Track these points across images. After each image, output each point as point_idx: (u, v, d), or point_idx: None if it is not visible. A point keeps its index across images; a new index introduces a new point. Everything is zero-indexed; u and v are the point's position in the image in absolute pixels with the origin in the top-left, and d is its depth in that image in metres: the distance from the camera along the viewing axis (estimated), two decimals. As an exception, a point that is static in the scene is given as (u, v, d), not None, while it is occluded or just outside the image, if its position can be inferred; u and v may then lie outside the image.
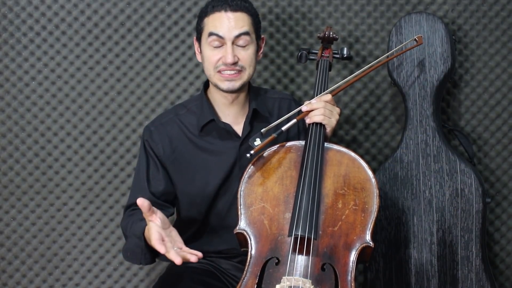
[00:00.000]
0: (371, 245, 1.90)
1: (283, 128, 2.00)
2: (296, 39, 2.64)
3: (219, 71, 2.05)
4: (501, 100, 2.66)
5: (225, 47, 2.04)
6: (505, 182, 2.69)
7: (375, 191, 1.96)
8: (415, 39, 2.35)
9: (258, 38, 2.13)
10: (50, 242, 2.64)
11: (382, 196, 2.50)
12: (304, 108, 2.05)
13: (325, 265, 1.87)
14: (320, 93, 2.11)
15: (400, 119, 2.67)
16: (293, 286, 1.81)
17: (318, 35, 2.30)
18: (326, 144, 2.02)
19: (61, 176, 2.63)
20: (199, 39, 2.11)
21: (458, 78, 2.66)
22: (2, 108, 2.60)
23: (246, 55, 2.06)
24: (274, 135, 1.98)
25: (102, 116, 2.63)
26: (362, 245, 1.90)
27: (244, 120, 2.16)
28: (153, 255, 1.98)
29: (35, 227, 2.63)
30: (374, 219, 1.93)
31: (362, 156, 2.06)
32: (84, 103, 2.62)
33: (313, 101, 2.06)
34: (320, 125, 2.03)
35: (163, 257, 1.90)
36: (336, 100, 2.68)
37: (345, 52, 2.30)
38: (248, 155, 1.94)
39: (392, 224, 2.49)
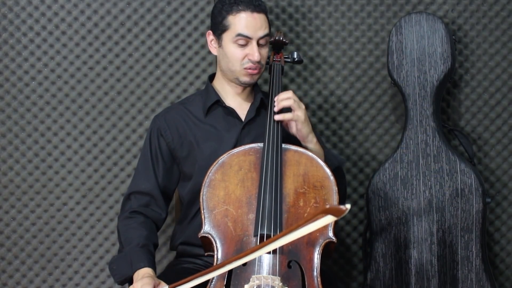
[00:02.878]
0: (333, 240, 1.96)
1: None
2: (296, 39, 2.64)
3: (245, 68, 2.16)
4: (501, 100, 2.66)
5: (250, 46, 2.14)
6: (505, 182, 2.69)
7: (334, 188, 2.01)
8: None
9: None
10: (50, 242, 2.64)
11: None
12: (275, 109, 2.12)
13: (291, 262, 1.91)
14: (277, 94, 2.16)
15: (400, 119, 2.67)
16: (263, 284, 1.84)
17: (269, 39, 2.33)
18: (283, 145, 2.07)
19: (61, 176, 2.63)
20: (218, 34, 2.19)
21: (458, 78, 2.66)
22: (2, 108, 2.60)
23: (264, 53, 2.18)
24: None
25: (102, 116, 2.63)
26: (325, 241, 1.95)
27: (248, 107, 2.24)
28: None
29: (35, 227, 2.63)
30: None
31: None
32: (84, 103, 2.62)
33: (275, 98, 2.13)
34: (277, 126, 2.09)
35: None
36: (336, 100, 2.68)
37: (295, 56, 2.34)
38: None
39: (392, 224, 2.49)
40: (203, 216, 1.99)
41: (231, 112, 2.22)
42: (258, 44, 2.15)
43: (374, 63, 2.67)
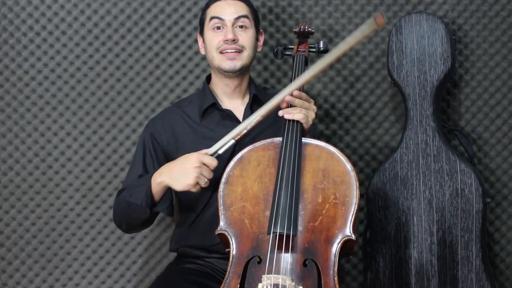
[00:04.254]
0: (352, 238, 1.90)
1: (220, 151, 2.01)
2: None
3: (221, 52, 2.14)
4: (501, 100, 2.66)
5: (225, 28, 2.14)
6: (505, 182, 2.69)
7: (355, 184, 1.95)
8: (374, 20, 1.94)
9: (257, 29, 2.23)
10: (50, 242, 2.64)
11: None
12: (287, 98, 2.03)
13: (307, 260, 1.87)
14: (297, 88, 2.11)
15: (400, 119, 2.67)
16: (273, 284, 1.81)
17: (294, 29, 2.31)
18: (303, 139, 2.01)
19: (61, 176, 2.63)
20: (202, 31, 2.22)
21: (458, 78, 2.66)
22: (2, 108, 2.60)
23: (246, 36, 2.16)
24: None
25: (102, 116, 2.63)
26: (344, 239, 1.90)
27: (245, 107, 2.22)
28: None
29: (35, 227, 2.63)
30: (354, 211, 1.93)
31: (342, 150, 2.04)
32: (84, 103, 2.62)
33: (288, 96, 2.03)
34: (297, 121, 2.03)
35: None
36: (335, 100, 2.68)
37: (321, 45, 2.29)
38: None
39: (392, 224, 2.49)
40: (219, 213, 1.95)
41: (228, 115, 2.19)
42: (237, 27, 2.15)
43: (374, 63, 2.67)
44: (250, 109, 2.20)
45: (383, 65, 2.64)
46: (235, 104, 2.23)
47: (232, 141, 2.01)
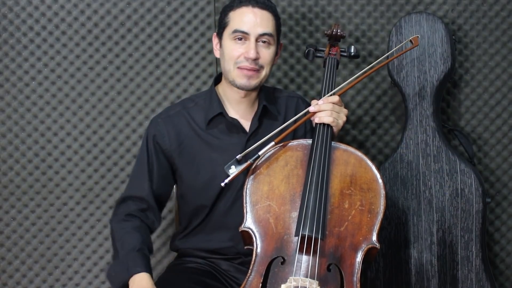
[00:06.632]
0: (377, 246, 1.90)
1: (260, 152, 1.98)
2: (296, 39, 2.64)
3: (239, 67, 2.06)
4: (501, 100, 2.66)
5: (248, 43, 2.05)
6: (505, 182, 2.69)
7: (382, 192, 1.95)
8: (410, 41, 2.27)
9: (278, 43, 2.15)
10: (50, 242, 2.65)
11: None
12: (311, 109, 2.05)
13: (330, 265, 1.87)
14: (328, 91, 2.11)
15: (400, 119, 2.67)
16: (300, 287, 1.81)
17: (326, 32, 2.27)
18: (333, 144, 2.01)
19: (61, 176, 2.63)
20: (220, 34, 2.12)
21: (458, 78, 2.66)
22: (2, 108, 2.60)
23: (267, 54, 2.08)
24: (250, 161, 1.95)
25: (102, 116, 2.63)
26: (368, 246, 1.90)
27: (252, 116, 2.16)
28: None
29: (35, 227, 2.63)
30: (380, 220, 1.93)
31: (367, 156, 2.04)
32: (84, 103, 2.62)
33: (320, 102, 2.06)
34: (328, 125, 2.03)
35: None
36: (336, 100, 2.68)
37: (352, 50, 2.28)
38: (222, 184, 1.92)
39: (392, 224, 2.49)
40: (245, 210, 1.94)
41: (234, 125, 2.13)
42: (260, 43, 2.06)
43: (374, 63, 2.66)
44: (258, 120, 2.15)
45: (383, 66, 2.63)
46: (243, 112, 2.16)
47: (272, 143, 1.99)
